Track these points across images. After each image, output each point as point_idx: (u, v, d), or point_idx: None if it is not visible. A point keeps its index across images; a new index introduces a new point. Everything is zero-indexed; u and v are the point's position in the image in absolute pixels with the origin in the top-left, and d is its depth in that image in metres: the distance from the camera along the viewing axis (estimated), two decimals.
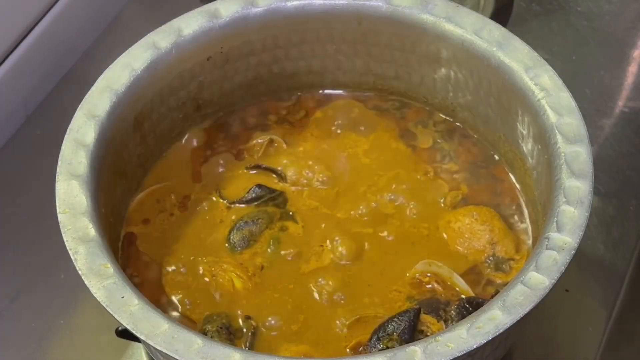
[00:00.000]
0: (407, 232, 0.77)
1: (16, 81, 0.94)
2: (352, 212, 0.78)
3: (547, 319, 0.78)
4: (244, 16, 0.79)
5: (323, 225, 0.78)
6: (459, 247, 0.76)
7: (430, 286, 0.74)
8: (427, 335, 0.68)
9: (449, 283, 0.74)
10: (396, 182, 0.80)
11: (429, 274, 0.74)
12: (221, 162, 0.82)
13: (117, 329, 0.77)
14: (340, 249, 0.76)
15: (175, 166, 0.82)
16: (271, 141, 0.83)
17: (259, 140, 0.83)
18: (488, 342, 0.61)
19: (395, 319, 0.70)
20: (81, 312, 0.80)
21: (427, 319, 0.71)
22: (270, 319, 0.72)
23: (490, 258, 0.75)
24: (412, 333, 0.69)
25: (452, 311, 0.71)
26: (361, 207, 0.79)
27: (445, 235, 0.77)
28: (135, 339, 0.76)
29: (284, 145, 0.82)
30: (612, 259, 0.83)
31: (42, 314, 0.81)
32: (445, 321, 0.71)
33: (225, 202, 0.79)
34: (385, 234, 0.77)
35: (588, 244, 0.82)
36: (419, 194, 0.79)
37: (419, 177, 0.80)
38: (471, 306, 0.70)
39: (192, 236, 0.77)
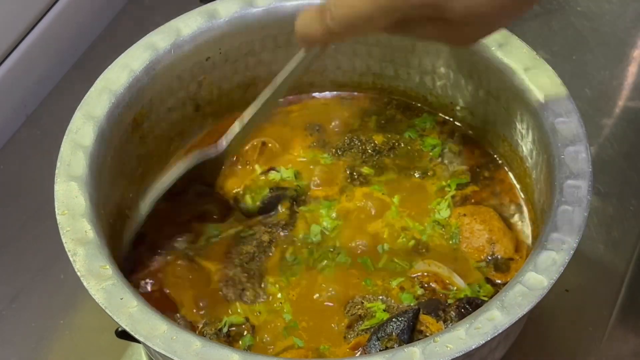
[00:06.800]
0: (407, 232, 0.77)
1: (16, 81, 0.94)
2: (353, 211, 0.78)
3: (547, 319, 0.78)
4: (243, 16, 0.79)
5: (325, 223, 0.78)
6: (458, 247, 0.76)
7: (429, 286, 0.74)
8: (426, 336, 0.68)
9: (448, 283, 0.74)
10: (396, 181, 0.80)
11: (428, 274, 0.74)
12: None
13: (116, 330, 0.77)
14: (340, 249, 0.76)
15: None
16: (264, 143, 0.82)
17: (254, 143, 0.82)
18: (487, 343, 0.61)
19: (395, 320, 0.70)
20: (81, 312, 0.80)
21: (426, 319, 0.71)
22: (270, 319, 0.73)
23: (490, 258, 0.75)
24: (411, 333, 0.69)
25: (452, 311, 0.71)
26: (362, 206, 0.78)
27: (445, 235, 0.77)
28: (135, 339, 0.76)
29: (277, 146, 0.82)
30: (612, 259, 0.83)
31: (42, 314, 0.81)
32: (445, 321, 0.71)
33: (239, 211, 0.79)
34: (385, 233, 0.77)
35: (588, 244, 0.82)
36: (419, 193, 0.79)
37: (418, 176, 0.80)
38: (470, 306, 0.70)
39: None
